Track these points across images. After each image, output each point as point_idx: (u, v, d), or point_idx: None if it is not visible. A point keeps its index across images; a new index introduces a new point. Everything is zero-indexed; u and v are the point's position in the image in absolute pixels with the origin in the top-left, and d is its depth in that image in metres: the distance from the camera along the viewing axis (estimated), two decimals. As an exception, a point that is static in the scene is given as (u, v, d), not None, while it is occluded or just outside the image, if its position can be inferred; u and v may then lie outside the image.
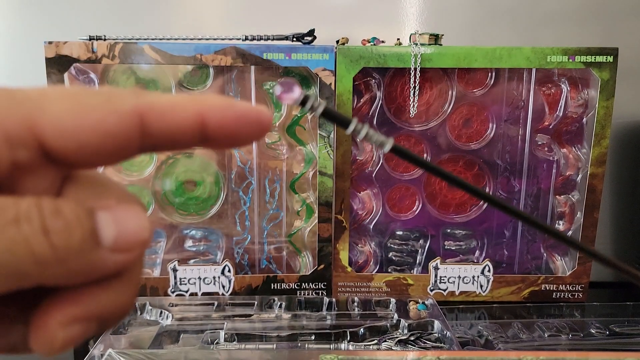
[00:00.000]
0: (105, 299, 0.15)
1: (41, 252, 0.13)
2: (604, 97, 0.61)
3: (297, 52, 0.60)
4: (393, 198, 0.68)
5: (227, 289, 0.65)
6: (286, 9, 0.72)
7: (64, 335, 0.15)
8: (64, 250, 0.14)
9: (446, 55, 0.60)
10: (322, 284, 0.66)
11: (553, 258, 0.69)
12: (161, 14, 0.72)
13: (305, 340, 0.52)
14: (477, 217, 0.68)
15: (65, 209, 0.14)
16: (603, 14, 0.72)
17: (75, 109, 0.15)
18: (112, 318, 0.16)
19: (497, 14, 0.73)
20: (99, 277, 0.15)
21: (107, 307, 0.15)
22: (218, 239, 0.68)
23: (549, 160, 0.67)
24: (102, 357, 0.46)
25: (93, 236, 0.14)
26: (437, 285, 0.66)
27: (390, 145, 0.20)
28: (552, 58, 0.60)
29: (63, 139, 0.15)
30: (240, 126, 0.17)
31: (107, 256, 0.15)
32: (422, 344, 0.51)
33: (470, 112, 0.65)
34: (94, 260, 0.14)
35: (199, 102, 0.17)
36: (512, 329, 0.56)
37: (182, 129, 0.16)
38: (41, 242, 0.13)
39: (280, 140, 0.65)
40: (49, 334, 0.15)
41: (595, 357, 0.45)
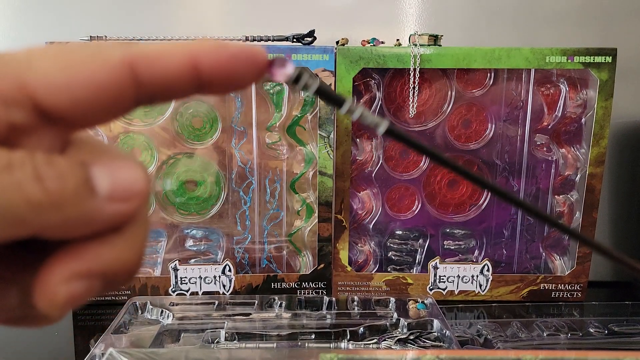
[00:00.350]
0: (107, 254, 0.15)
1: (35, 196, 0.13)
2: (602, 97, 0.61)
3: (297, 53, 0.60)
4: (392, 198, 0.68)
5: (228, 288, 0.66)
6: (286, 9, 0.72)
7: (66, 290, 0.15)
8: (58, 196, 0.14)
9: (445, 55, 0.60)
10: (322, 284, 0.66)
11: (552, 258, 0.69)
12: (162, 14, 0.73)
13: (305, 339, 0.53)
14: (476, 216, 0.68)
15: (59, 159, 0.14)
16: (602, 15, 0.72)
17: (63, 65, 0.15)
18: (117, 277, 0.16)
19: (496, 15, 0.73)
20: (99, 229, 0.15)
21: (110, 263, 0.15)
22: (219, 239, 0.68)
23: (547, 160, 0.67)
24: (103, 356, 0.46)
25: (87, 184, 0.14)
26: (437, 285, 0.66)
27: (386, 127, 0.19)
28: (551, 58, 0.60)
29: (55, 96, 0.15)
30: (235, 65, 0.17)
31: (104, 206, 0.15)
32: (422, 343, 0.52)
33: (469, 112, 0.66)
34: (90, 209, 0.14)
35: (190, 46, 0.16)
36: (511, 328, 0.56)
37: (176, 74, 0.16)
38: (34, 187, 0.13)
39: (281, 141, 0.66)
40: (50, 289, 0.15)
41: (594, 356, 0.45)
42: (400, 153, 0.67)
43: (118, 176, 0.15)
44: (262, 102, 0.65)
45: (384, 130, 0.19)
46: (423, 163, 0.67)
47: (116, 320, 0.53)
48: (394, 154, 0.67)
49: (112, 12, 0.72)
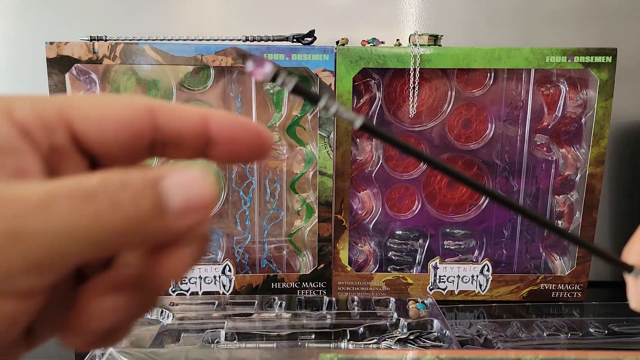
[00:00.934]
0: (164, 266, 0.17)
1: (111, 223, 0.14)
2: (602, 97, 0.61)
3: (297, 53, 0.60)
4: (392, 198, 0.68)
5: (228, 288, 0.66)
6: (286, 9, 0.72)
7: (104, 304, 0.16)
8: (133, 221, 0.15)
9: (445, 55, 0.60)
10: (322, 283, 0.66)
11: (552, 257, 0.69)
12: (162, 15, 0.73)
13: (306, 339, 0.53)
14: (476, 216, 0.68)
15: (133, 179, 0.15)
16: (602, 15, 0.72)
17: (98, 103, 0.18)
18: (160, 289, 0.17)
19: (496, 15, 0.73)
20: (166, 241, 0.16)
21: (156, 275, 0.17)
22: (219, 239, 0.68)
23: (547, 160, 0.67)
24: (103, 356, 0.46)
25: (160, 205, 0.15)
26: (437, 285, 0.66)
27: (361, 122, 0.20)
28: (551, 58, 0.60)
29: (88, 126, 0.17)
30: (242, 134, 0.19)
31: (175, 221, 0.16)
32: (422, 343, 0.52)
33: (469, 112, 0.66)
34: (162, 226, 0.15)
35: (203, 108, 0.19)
36: (511, 328, 0.56)
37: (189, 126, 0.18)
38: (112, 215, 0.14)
39: (281, 141, 0.66)
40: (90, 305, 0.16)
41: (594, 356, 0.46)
42: (400, 153, 0.67)
43: (188, 191, 0.16)
44: (262, 102, 0.65)
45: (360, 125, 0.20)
46: (423, 163, 0.67)
47: (116, 320, 0.53)
48: (394, 154, 0.67)
49: (112, 12, 0.72)
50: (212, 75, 0.63)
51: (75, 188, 0.14)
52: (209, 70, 0.63)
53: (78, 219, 0.14)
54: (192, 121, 0.18)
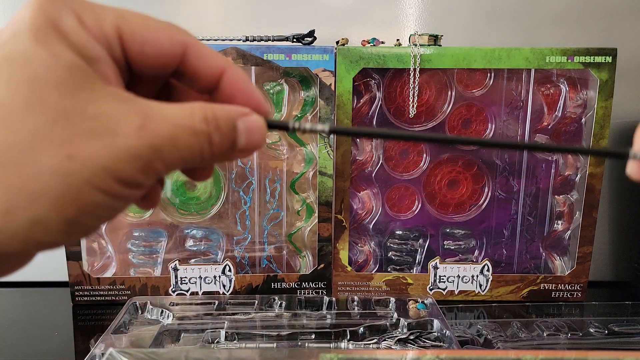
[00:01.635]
0: None
1: (206, 154, 0.21)
2: (602, 97, 0.61)
3: (297, 53, 0.60)
4: (392, 198, 0.68)
5: (228, 288, 0.66)
6: (286, 9, 0.72)
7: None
8: (218, 153, 0.21)
9: (445, 55, 0.60)
10: (322, 283, 0.66)
11: (552, 258, 0.69)
12: (161, 15, 0.72)
13: (306, 339, 0.53)
14: (476, 216, 0.68)
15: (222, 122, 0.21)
16: (602, 15, 0.72)
17: (146, 27, 0.21)
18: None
19: (496, 15, 0.73)
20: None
21: None
22: (219, 239, 0.68)
23: (547, 160, 0.67)
24: (103, 356, 0.46)
25: (233, 143, 0.21)
26: (437, 285, 0.66)
27: (329, 128, 0.23)
28: (551, 59, 0.60)
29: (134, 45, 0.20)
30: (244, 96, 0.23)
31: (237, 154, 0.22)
32: (422, 343, 0.52)
33: (469, 112, 0.66)
34: (229, 155, 0.22)
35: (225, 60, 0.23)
36: (511, 328, 0.56)
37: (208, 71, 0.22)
38: (207, 148, 0.20)
39: (281, 141, 0.66)
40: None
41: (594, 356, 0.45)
42: (400, 153, 0.67)
43: (251, 136, 0.22)
44: (262, 102, 0.65)
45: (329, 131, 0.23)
46: (423, 163, 0.67)
47: (116, 320, 0.53)
48: (394, 154, 0.67)
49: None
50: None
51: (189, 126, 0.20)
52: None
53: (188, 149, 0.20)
54: (212, 68, 0.22)
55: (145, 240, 0.67)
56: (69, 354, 0.55)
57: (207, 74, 0.22)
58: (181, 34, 0.21)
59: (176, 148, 0.19)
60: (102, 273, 0.66)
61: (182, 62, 0.22)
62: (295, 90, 0.64)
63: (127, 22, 0.20)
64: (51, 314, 0.64)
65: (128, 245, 0.67)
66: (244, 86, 0.23)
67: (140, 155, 0.19)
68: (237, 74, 0.23)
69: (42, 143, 0.17)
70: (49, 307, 0.65)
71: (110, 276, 0.65)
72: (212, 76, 0.22)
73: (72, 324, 0.62)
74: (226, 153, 0.21)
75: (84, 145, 0.18)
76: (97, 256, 0.67)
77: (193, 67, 0.22)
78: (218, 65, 0.22)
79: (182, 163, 0.20)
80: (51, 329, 0.60)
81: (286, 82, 0.64)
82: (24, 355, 0.54)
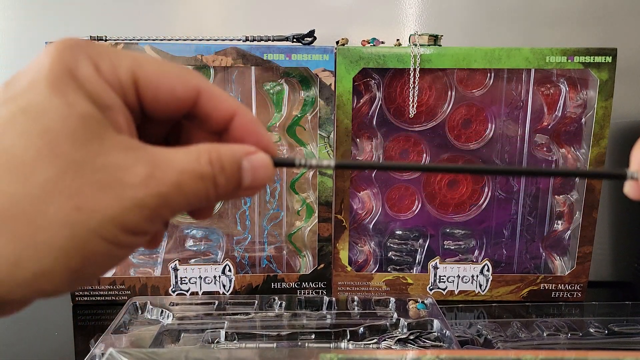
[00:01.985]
0: None
1: (211, 196, 0.21)
2: (602, 97, 0.61)
3: (297, 53, 0.60)
4: (392, 198, 0.68)
5: (228, 288, 0.66)
6: (286, 9, 0.72)
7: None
8: (223, 194, 0.21)
9: (445, 55, 0.60)
10: (322, 283, 0.66)
11: (552, 258, 0.69)
12: (162, 15, 0.73)
13: (305, 339, 0.53)
14: (476, 216, 0.68)
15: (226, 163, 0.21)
16: (602, 15, 0.72)
17: (161, 71, 0.21)
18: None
19: (496, 15, 0.73)
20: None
21: None
22: (219, 239, 0.68)
23: (547, 160, 0.67)
24: (103, 356, 0.46)
25: (238, 183, 0.21)
26: (437, 285, 0.66)
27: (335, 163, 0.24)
28: (551, 59, 0.60)
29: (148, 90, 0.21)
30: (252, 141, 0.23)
31: (242, 192, 0.22)
32: (422, 343, 0.52)
33: (469, 112, 0.66)
34: (234, 194, 0.22)
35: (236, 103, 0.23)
36: (511, 328, 0.56)
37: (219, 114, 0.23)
38: (213, 192, 0.21)
39: (281, 141, 0.66)
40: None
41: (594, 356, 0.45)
42: (400, 153, 0.67)
43: (257, 173, 0.22)
44: (262, 102, 0.65)
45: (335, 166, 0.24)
46: (423, 163, 0.67)
47: (116, 320, 0.53)
48: (394, 154, 0.67)
49: (112, 12, 0.72)
50: (212, 75, 0.63)
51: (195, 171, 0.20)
52: (209, 70, 0.63)
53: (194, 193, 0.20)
54: (225, 111, 0.23)
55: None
56: (69, 354, 0.55)
57: (219, 117, 0.23)
58: (195, 79, 0.22)
59: (183, 194, 0.20)
60: (102, 273, 0.66)
61: (194, 106, 0.22)
62: (295, 90, 0.64)
63: (143, 68, 0.20)
64: (51, 314, 0.64)
65: (128, 245, 0.67)
66: (253, 128, 0.23)
67: (147, 205, 0.19)
68: (248, 117, 0.23)
69: (51, 195, 0.18)
70: (49, 307, 0.65)
71: (110, 276, 0.65)
72: (224, 119, 0.23)
73: (72, 324, 0.62)
74: (231, 193, 0.22)
75: (92, 197, 0.18)
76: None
77: (205, 110, 0.22)
78: (229, 109, 0.23)
79: (188, 207, 0.21)
80: (51, 329, 0.60)
81: (286, 82, 0.64)
82: (24, 355, 0.54)
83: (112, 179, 0.18)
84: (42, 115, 0.18)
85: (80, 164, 0.18)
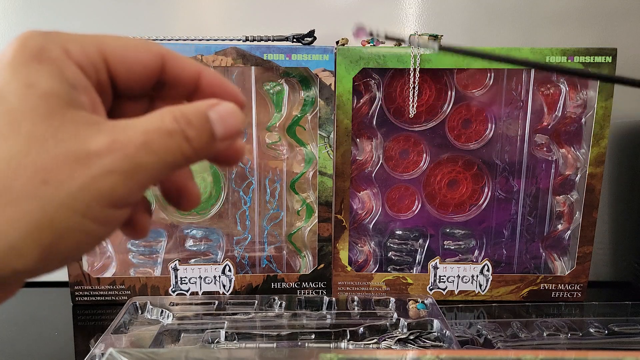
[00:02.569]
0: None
1: (186, 151, 0.21)
2: (602, 97, 0.61)
3: (297, 53, 0.60)
4: (392, 198, 0.68)
5: (228, 288, 0.66)
6: (286, 9, 0.72)
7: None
8: (198, 148, 0.21)
9: (445, 55, 0.60)
10: (322, 283, 0.66)
11: (552, 258, 0.69)
12: (162, 15, 0.73)
13: (305, 339, 0.53)
14: (476, 216, 0.68)
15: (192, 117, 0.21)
16: (602, 15, 0.72)
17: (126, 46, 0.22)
18: None
19: (496, 15, 0.73)
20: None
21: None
22: (219, 239, 0.68)
23: (547, 160, 0.67)
24: (103, 356, 0.46)
25: (212, 135, 0.21)
26: (437, 285, 0.66)
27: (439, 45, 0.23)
28: (551, 59, 0.60)
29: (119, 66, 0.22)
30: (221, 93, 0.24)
31: (219, 143, 0.22)
32: (422, 343, 0.52)
33: (469, 112, 0.66)
34: (213, 148, 0.22)
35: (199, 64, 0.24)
36: (511, 328, 0.56)
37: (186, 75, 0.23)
38: (186, 146, 0.21)
39: (281, 141, 0.66)
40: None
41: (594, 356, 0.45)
42: (400, 153, 0.67)
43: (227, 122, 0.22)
44: (262, 102, 0.65)
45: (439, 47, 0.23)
46: (423, 163, 0.67)
47: (116, 320, 0.53)
48: (394, 154, 0.67)
49: (111, 12, 0.72)
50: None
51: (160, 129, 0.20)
52: (209, 70, 0.63)
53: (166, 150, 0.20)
54: (190, 72, 0.23)
55: (145, 240, 0.67)
56: (69, 354, 0.55)
57: (186, 79, 0.23)
58: (157, 47, 0.23)
59: (153, 153, 0.20)
60: (102, 273, 0.66)
61: (162, 72, 0.23)
62: (295, 90, 0.64)
63: (109, 45, 0.21)
64: (51, 314, 0.64)
65: (128, 245, 0.67)
66: (219, 83, 0.24)
67: (116, 169, 0.19)
68: (212, 75, 0.24)
69: (16, 171, 0.18)
70: (49, 307, 0.65)
71: (110, 276, 0.65)
72: (190, 80, 0.23)
73: (72, 324, 0.62)
74: (208, 146, 0.21)
75: (58, 169, 0.18)
76: (97, 256, 0.68)
77: (172, 75, 0.23)
78: (194, 69, 0.23)
79: (167, 167, 0.20)
80: (51, 329, 0.60)
81: (286, 82, 0.64)
82: (24, 355, 0.54)
83: (76, 149, 0.19)
84: (2, 98, 0.19)
85: (43, 139, 0.18)
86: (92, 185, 0.18)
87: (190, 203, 0.25)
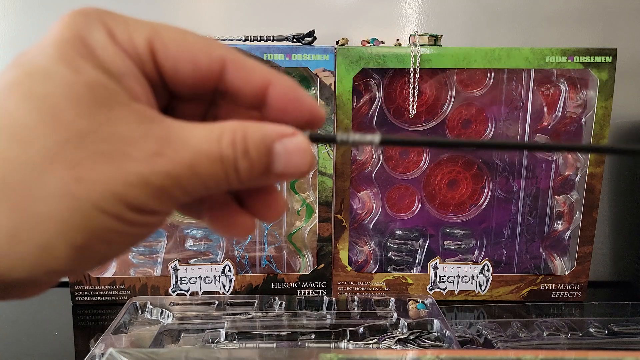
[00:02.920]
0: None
1: (232, 181, 0.19)
2: (602, 97, 0.61)
3: (297, 53, 0.60)
4: (392, 198, 0.68)
5: (228, 288, 0.66)
6: (286, 9, 0.72)
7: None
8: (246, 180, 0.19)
9: (445, 55, 0.60)
10: (322, 283, 0.66)
11: (552, 258, 0.69)
12: (162, 15, 0.72)
13: (305, 339, 0.53)
14: (476, 216, 0.68)
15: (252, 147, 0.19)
16: (602, 15, 0.72)
17: (181, 41, 0.19)
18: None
19: (496, 15, 0.73)
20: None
21: None
22: (219, 239, 0.68)
23: (547, 160, 0.67)
24: (103, 356, 0.46)
25: (266, 168, 0.19)
26: (437, 285, 0.66)
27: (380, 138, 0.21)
28: (550, 58, 0.60)
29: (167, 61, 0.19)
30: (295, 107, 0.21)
31: (273, 178, 0.20)
32: (422, 343, 0.52)
33: (469, 112, 0.66)
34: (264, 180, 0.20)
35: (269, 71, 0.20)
36: (511, 328, 0.56)
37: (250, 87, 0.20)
38: (233, 177, 0.19)
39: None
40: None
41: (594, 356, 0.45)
42: (400, 153, 0.67)
43: (291, 160, 0.19)
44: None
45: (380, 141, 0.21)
46: (423, 163, 0.67)
47: (116, 320, 0.53)
48: (393, 154, 0.67)
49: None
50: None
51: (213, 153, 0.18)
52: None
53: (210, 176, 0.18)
54: (255, 82, 0.20)
55: (145, 240, 0.67)
56: (69, 354, 0.55)
57: (250, 90, 0.20)
58: (220, 49, 0.20)
59: (197, 176, 0.18)
60: (102, 273, 0.66)
61: (221, 79, 0.20)
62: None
63: (161, 36, 0.19)
64: (51, 314, 0.64)
65: (128, 245, 0.67)
66: (293, 96, 0.20)
67: (152, 183, 0.18)
68: (284, 85, 0.20)
69: (51, 164, 0.17)
70: (49, 307, 0.65)
71: (110, 276, 0.65)
72: (256, 91, 0.20)
73: (72, 324, 0.62)
74: (258, 179, 0.19)
75: (93, 168, 0.17)
76: (97, 256, 0.67)
77: (234, 83, 0.20)
78: (261, 79, 0.20)
79: (206, 190, 0.19)
80: (51, 329, 0.60)
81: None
82: (24, 355, 0.54)
83: (116, 151, 0.17)
84: (47, 80, 0.17)
85: (84, 133, 0.17)
86: (124, 191, 0.17)
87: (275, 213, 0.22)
